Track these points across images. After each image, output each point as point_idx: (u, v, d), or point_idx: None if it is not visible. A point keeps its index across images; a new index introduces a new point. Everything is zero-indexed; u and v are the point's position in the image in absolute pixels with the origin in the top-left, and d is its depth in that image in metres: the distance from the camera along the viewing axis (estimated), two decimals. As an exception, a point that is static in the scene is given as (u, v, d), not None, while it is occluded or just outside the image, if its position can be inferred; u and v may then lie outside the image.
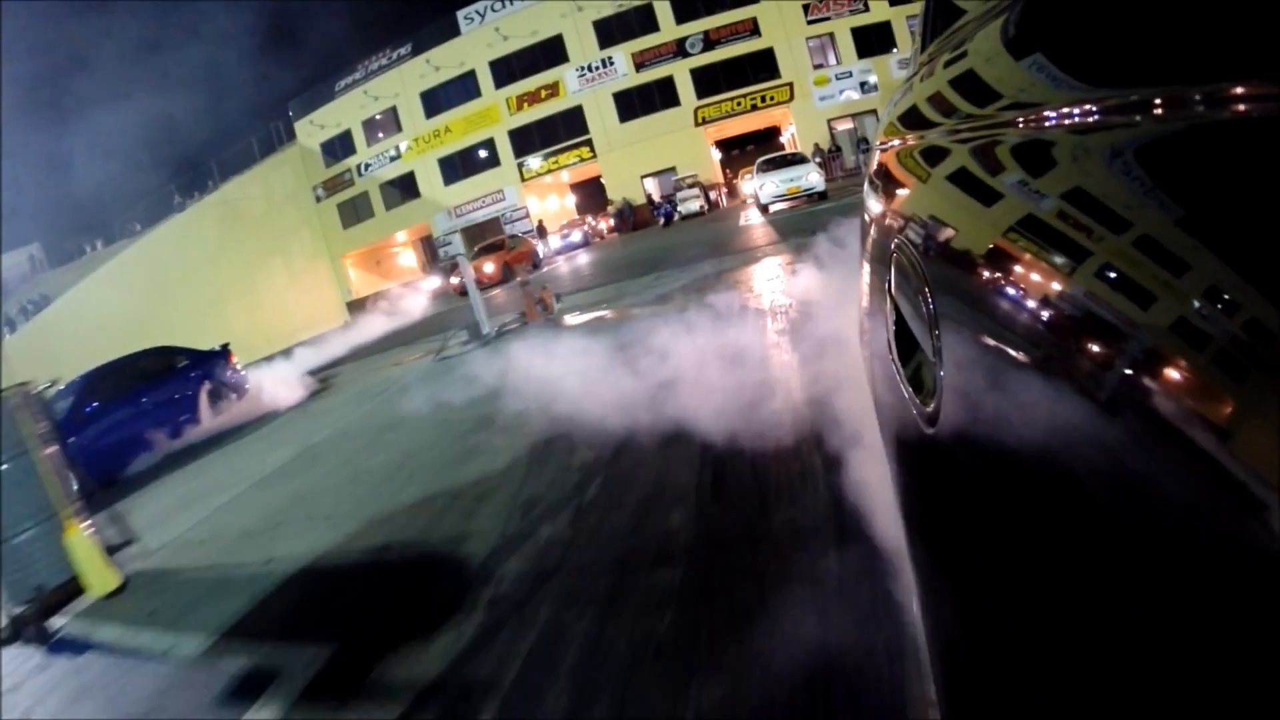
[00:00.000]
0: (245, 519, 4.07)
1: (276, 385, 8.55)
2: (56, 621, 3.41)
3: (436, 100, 32.24)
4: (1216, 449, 0.23)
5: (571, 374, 4.55)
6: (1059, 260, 0.37)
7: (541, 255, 22.73)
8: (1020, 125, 0.49)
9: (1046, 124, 0.44)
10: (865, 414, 1.19)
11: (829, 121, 27.77)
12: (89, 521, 3.58)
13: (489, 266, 18.79)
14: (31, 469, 3.42)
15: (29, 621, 3.34)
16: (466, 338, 8.00)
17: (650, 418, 3.29)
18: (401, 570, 2.72)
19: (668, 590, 1.93)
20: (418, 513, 3.21)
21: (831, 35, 28.11)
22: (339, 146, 34.51)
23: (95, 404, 7.24)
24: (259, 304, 28.73)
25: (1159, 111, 0.32)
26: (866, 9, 27.43)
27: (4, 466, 3.35)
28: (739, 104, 28.82)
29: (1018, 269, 0.42)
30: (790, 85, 28.28)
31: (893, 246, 0.78)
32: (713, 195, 26.44)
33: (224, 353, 8.84)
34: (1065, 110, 0.43)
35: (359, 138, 34.10)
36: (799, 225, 10.05)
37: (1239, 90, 0.26)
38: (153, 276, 25.92)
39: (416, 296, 21.30)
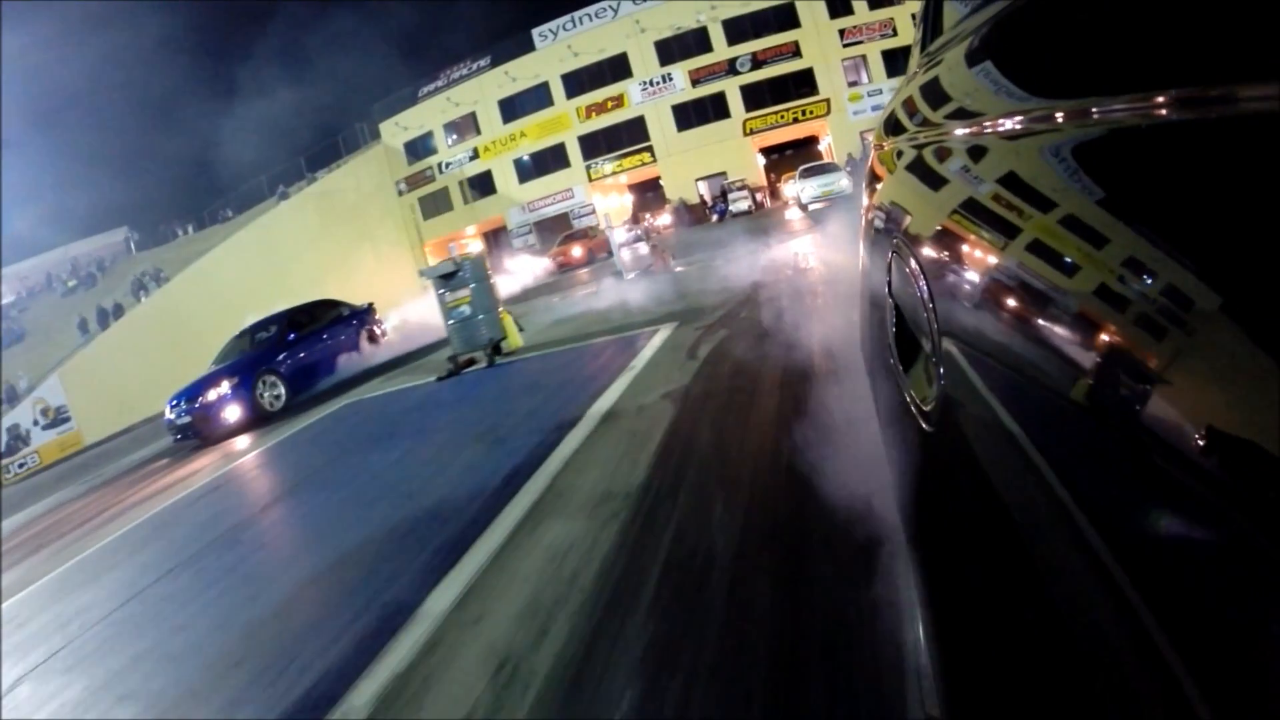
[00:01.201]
0: (563, 331, 8.07)
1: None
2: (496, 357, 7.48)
3: (513, 107, 36.02)
4: (1217, 446, 0.23)
5: (708, 280, 8.73)
6: (1052, 260, 0.37)
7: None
8: (993, 130, 0.51)
9: (1011, 130, 0.46)
10: (844, 272, 4.99)
11: (861, 133, 30.63)
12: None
13: (576, 250, 23.08)
14: (489, 287, 7.50)
15: (483, 355, 7.40)
16: (613, 281, 11.99)
17: (757, 282, 7.60)
18: (686, 309, 6.80)
19: (782, 295, 6.02)
20: (676, 305, 7.24)
21: (864, 57, 31.65)
22: (420, 146, 38.42)
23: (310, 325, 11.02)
24: (353, 282, 32.71)
25: (1131, 112, 0.32)
26: (895, 34, 30.86)
27: (482, 284, 7.40)
28: (782, 117, 32.43)
29: (1012, 267, 0.42)
30: (828, 101, 31.83)
31: (890, 247, 0.79)
32: (758, 197, 30.03)
33: (371, 308, 12.12)
34: (1036, 116, 0.44)
35: (440, 139, 37.90)
36: (830, 216, 14.11)
37: (1162, 98, 0.29)
38: (264, 255, 30.30)
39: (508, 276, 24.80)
